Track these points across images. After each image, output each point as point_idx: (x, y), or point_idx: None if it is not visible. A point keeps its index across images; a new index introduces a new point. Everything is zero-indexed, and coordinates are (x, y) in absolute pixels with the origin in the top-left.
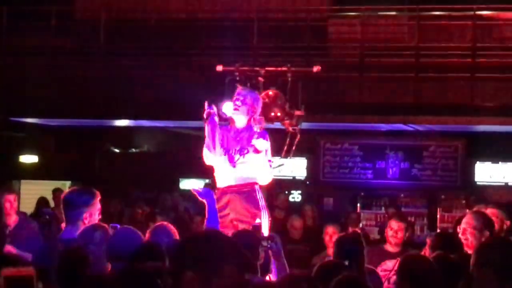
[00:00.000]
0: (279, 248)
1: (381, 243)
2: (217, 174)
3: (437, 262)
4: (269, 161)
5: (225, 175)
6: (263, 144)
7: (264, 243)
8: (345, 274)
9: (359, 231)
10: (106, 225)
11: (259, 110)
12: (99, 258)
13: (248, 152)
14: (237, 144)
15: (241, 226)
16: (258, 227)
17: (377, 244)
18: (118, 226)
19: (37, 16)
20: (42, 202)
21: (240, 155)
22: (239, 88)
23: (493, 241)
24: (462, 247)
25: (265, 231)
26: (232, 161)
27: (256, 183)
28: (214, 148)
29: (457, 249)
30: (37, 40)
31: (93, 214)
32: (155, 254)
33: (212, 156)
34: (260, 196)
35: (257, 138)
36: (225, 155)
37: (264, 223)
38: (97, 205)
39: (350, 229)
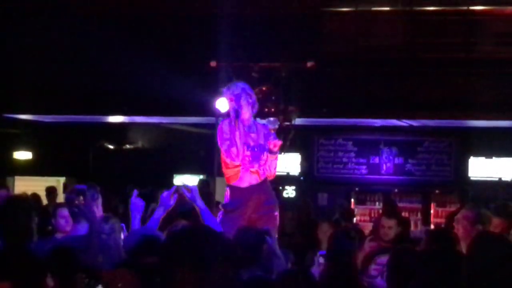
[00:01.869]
0: (274, 241)
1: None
2: (233, 173)
3: (429, 257)
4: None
5: (247, 173)
6: (279, 145)
7: None
8: (330, 267)
9: (351, 225)
10: (115, 217)
11: (253, 95)
12: (110, 248)
13: (266, 149)
14: (252, 140)
15: (259, 221)
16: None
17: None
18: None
19: (29, 10)
20: (34, 197)
21: (262, 152)
22: (229, 90)
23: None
24: (456, 242)
25: (276, 222)
26: (258, 159)
27: (266, 177)
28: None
29: (452, 245)
30: (30, 36)
31: (99, 206)
32: (155, 249)
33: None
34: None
35: (274, 139)
36: (247, 151)
37: (278, 214)
38: (100, 197)
39: (343, 224)
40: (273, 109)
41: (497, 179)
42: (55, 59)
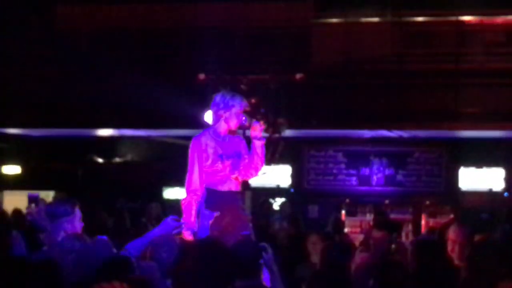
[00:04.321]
0: (270, 257)
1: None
2: (212, 176)
3: (421, 270)
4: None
5: (227, 179)
6: (259, 128)
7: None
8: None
9: (344, 237)
10: (85, 235)
11: (226, 105)
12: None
13: (243, 154)
14: (231, 149)
15: (239, 231)
16: (248, 237)
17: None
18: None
19: (18, 26)
20: (17, 213)
21: (241, 158)
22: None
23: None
24: (444, 254)
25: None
26: (238, 165)
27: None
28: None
29: (439, 257)
30: (18, 50)
31: (74, 224)
32: (125, 268)
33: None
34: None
35: (255, 123)
36: (227, 160)
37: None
38: (77, 214)
39: (337, 238)
40: (262, 122)
41: (487, 189)
42: (43, 73)
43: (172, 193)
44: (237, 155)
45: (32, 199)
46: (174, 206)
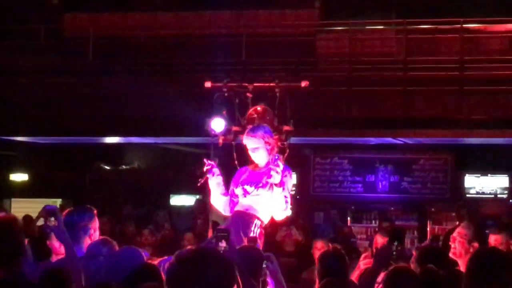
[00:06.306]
0: (275, 267)
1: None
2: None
3: (424, 276)
4: (285, 197)
5: (237, 204)
6: (277, 177)
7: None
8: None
9: (338, 247)
10: (113, 241)
11: (272, 140)
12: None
13: (263, 186)
14: (253, 179)
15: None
16: (254, 239)
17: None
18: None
19: (26, 34)
20: (27, 220)
21: (255, 188)
22: (249, 128)
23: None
24: (448, 261)
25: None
26: (246, 192)
27: (257, 217)
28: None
29: (443, 263)
30: (26, 59)
31: (96, 229)
32: (153, 275)
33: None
34: (255, 230)
35: (275, 172)
36: (237, 187)
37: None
38: (96, 220)
39: (330, 246)
40: (278, 164)
41: (492, 195)
42: (51, 81)
43: (178, 200)
44: (254, 184)
45: (50, 212)
46: (181, 213)
